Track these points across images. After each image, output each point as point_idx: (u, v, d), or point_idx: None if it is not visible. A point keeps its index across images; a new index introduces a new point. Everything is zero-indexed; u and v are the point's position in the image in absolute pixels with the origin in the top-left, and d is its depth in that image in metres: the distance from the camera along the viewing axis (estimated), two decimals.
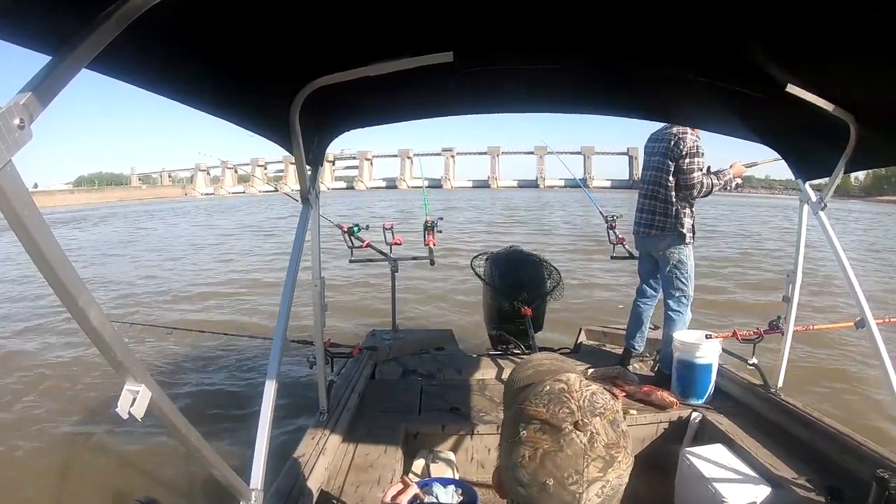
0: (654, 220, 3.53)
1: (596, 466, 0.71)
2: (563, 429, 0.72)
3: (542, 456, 0.72)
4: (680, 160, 3.37)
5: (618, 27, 1.49)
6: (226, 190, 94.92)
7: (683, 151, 3.36)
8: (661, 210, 3.49)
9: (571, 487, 0.70)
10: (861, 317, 2.29)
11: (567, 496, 0.70)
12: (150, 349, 6.33)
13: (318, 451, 2.42)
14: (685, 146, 3.36)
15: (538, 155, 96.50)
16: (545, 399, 0.76)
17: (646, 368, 3.75)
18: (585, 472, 0.70)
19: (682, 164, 3.37)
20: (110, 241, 20.11)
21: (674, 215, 3.45)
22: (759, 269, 11.99)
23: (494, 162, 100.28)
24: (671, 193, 3.45)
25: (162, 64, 1.19)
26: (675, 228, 3.45)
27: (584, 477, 0.70)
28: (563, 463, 0.71)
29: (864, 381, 5.16)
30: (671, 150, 3.40)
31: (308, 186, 2.19)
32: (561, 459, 0.71)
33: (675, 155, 3.38)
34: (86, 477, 3.86)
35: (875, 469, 1.94)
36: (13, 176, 0.66)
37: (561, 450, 0.71)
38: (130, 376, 0.91)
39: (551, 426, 0.73)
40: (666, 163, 3.44)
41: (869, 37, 1.26)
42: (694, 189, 3.39)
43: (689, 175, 3.37)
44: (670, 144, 3.41)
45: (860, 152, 2.03)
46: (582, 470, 0.70)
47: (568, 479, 0.70)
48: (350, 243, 4.27)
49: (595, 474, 0.71)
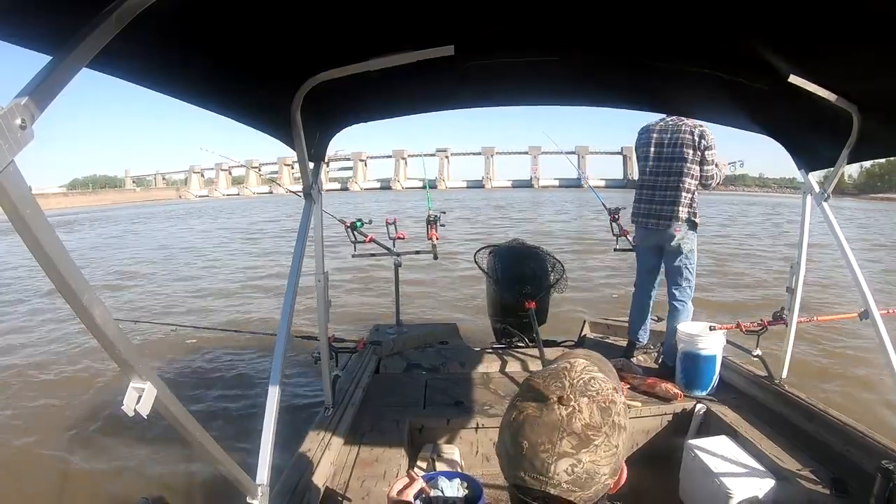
0: (664, 211, 3.52)
1: (570, 442, 0.74)
2: (548, 399, 0.77)
3: (524, 420, 0.77)
4: (706, 151, 3.42)
5: (619, 19, 1.48)
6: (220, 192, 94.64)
7: (710, 143, 3.42)
8: (681, 200, 3.47)
9: (542, 455, 0.74)
10: (865, 308, 2.29)
11: (537, 462, 0.74)
12: (154, 347, 6.36)
13: (323, 446, 2.43)
14: (709, 138, 3.42)
15: (532, 155, 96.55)
16: (547, 373, 0.82)
17: (650, 361, 3.75)
18: (558, 445, 0.74)
19: (708, 155, 3.43)
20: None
21: (689, 205, 3.48)
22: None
23: (489, 162, 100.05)
24: (689, 183, 3.46)
25: (162, 62, 1.18)
26: (690, 218, 3.49)
27: (556, 448, 0.74)
28: (539, 429, 0.75)
29: (869, 371, 5.15)
30: (696, 142, 3.42)
31: (310, 182, 2.20)
32: (538, 426, 0.75)
33: (702, 146, 3.42)
34: (91, 475, 3.88)
35: (880, 460, 1.94)
36: (15, 176, 0.66)
37: (540, 417, 0.76)
38: (135, 374, 0.92)
39: (540, 395, 0.78)
40: (689, 153, 3.44)
41: (870, 28, 1.25)
42: (714, 179, 3.49)
43: (714, 166, 3.46)
44: (693, 136, 3.42)
45: (863, 143, 2.02)
46: (555, 441, 0.74)
47: (540, 447, 0.74)
48: (353, 238, 4.27)
49: (567, 449, 0.74)
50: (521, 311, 3.90)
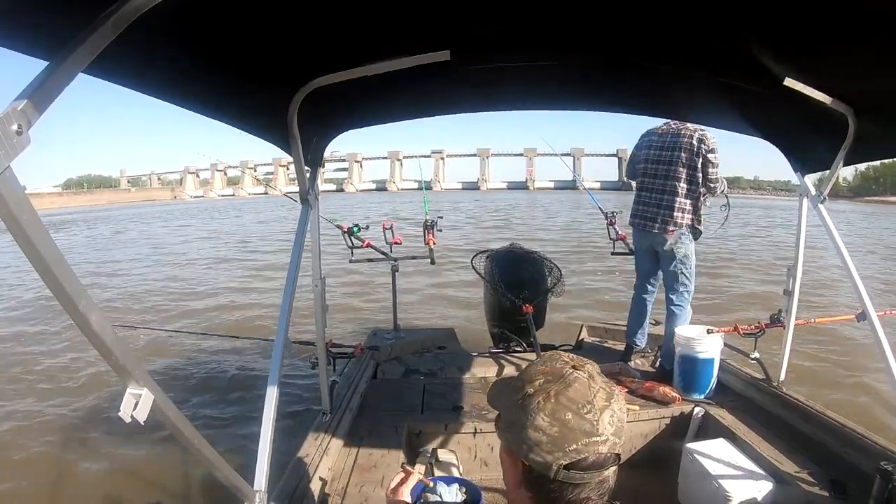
0: (659, 215, 3.51)
1: (601, 396, 0.81)
2: (564, 372, 0.83)
3: (556, 395, 0.81)
4: (708, 155, 3.40)
5: (615, 24, 1.49)
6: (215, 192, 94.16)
7: (711, 147, 3.40)
8: (680, 206, 3.46)
9: (588, 416, 0.79)
10: (862, 309, 2.29)
11: (587, 425, 0.79)
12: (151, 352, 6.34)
13: (321, 451, 2.42)
14: (710, 143, 3.40)
15: (528, 157, 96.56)
16: (540, 364, 0.87)
17: (647, 364, 3.75)
18: (595, 401, 0.80)
19: (711, 159, 3.41)
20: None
21: (688, 210, 3.46)
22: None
23: (484, 164, 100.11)
24: (688, 188, 3.45)
25: (159, 67, 1.18)
26: (691, 224, 3.47)
27: (595, 405, 0.80)
28: (575, 395, 0.80)
29: (866, 373, 5.15)
30: (696, 147, 3.41)
31: (307, 187, 2.20)
32: (573, 392, 0.80)
33: (703, 151, 3.40)
34: (87, 480, 3.85)
35: (878, 461, 1.94)
36: (12, 182, 0.66)
37: (570, 386, 0.81)
38: (133, 380, 0.91)
39: (554, 374, 0.83)
40: (688, 158, 3.43)
41: (867, 29, 1.26)
42: (718, 184, 3.46)
43: (716, 171, 3.43)
44: (692, 141, 3.41)
45: (859, 145, 2.02)
46: (592, 399, 0.80)
47: (583, 409, 0.79)
48: (350, 243, 4.27)
49: (602, 403, 0.80)
50: (518, 315, 3.90)
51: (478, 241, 14.44)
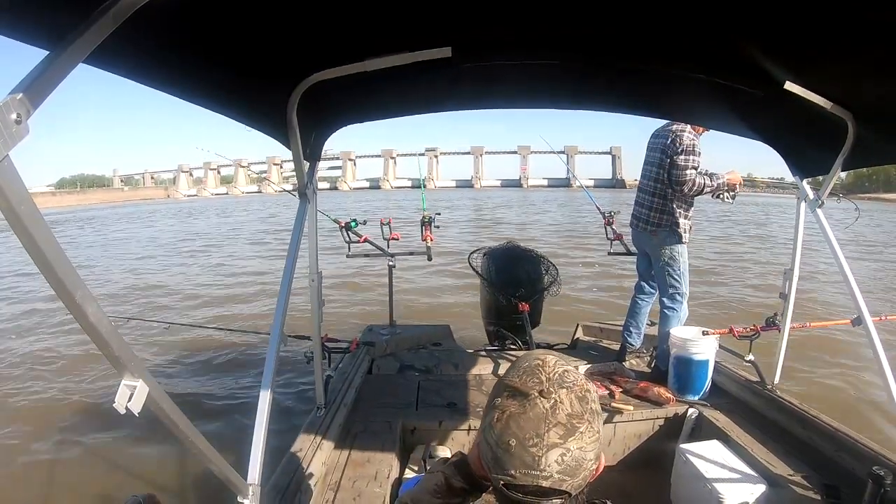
0: (648, 216, 3.53)
1: (557, 433, 0.75)
2: (529, 394, 0.78)
3: (508, 418, 0.78)
4: (675, 156, 3.35)
5: (617, 24, 1.48)
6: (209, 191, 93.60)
7: (679, 148, 3.34)
8: (656, 206, 3.48)
9: (532, 449, 0.75)
10: (858, 314, 2.30)
11: (527, 457, 0.75)
12: (147, 345, 6.33)
13: (315, 446, 2.43)
14: (681, 143, 3.34)
15: (521, 154, 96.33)
16: (521, 372, 0.83)
17: (642, 365, 3.76)
18: (546, 437, 0.75)
19: (677, 160, 3.34)
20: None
21: (669, 212, 3.44)
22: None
23: (478, 162, 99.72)
24: (668, 190, 3.43)
25: (159, 59, 1.18)
26: (669, 226, 3.45)
27: (545, 441, 0.75)
28: (525, 425, 0.76)
29: (861, 378, 5.17)
30: (668, 147, 3.40)
31: (305, 182, 2.19)
32: (524, 421, 0.76)
33: (672, 151, 3.37)
34: (81, 473, 3.84)
35: (871, 466, 1.95)
36: (10, 171, 0.65)
37: (524, 413, 0.77)
38: (128, 371, 0.91)
39: (520, 392, 0.80)
40: (663, 159, 3.43)
41: (867, 36, 1.26)
42: (685, 185, 3.34)
43: (682, 171, 3.34)
44: (667, 141, 3.40)
45: (857, 150, 2.03)
46: (542, 433, 0.75)
47: (528, 441, 0.75)
48: (347, 238, 4.26)
49: (555, 440, 0.75)
50: (514, 313, 3.90)
51: (473, 239, 14.48)
